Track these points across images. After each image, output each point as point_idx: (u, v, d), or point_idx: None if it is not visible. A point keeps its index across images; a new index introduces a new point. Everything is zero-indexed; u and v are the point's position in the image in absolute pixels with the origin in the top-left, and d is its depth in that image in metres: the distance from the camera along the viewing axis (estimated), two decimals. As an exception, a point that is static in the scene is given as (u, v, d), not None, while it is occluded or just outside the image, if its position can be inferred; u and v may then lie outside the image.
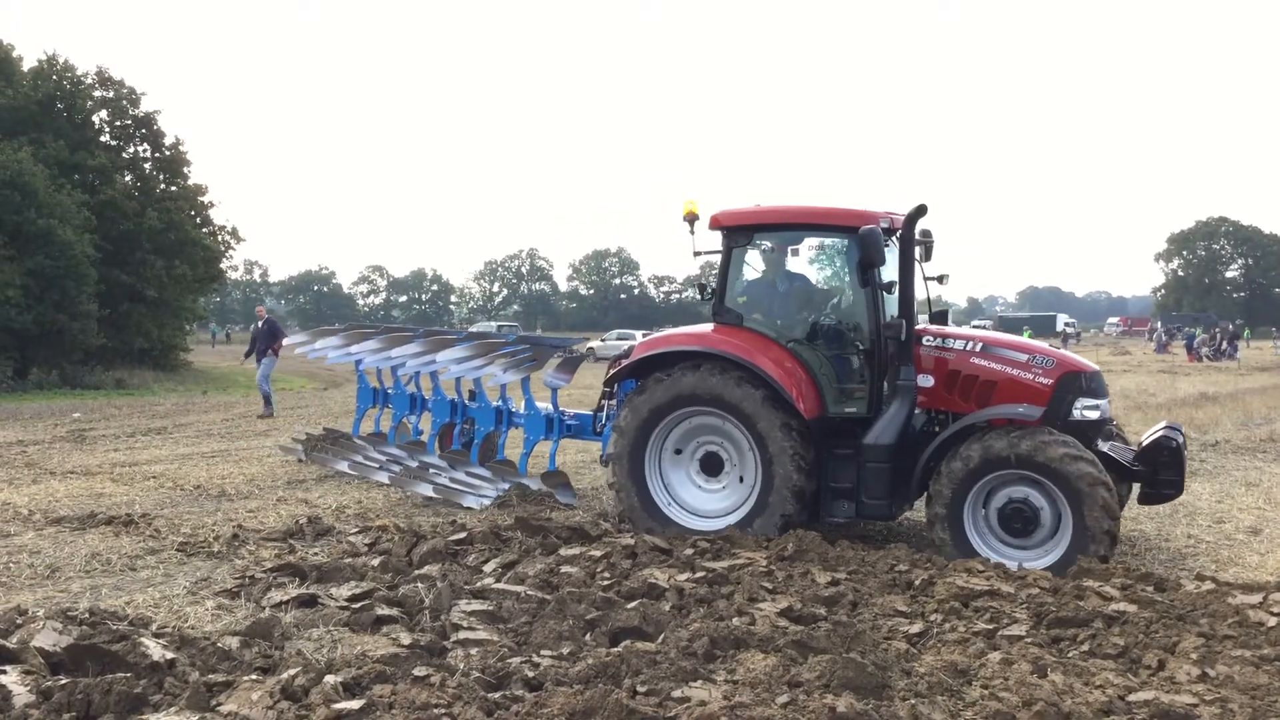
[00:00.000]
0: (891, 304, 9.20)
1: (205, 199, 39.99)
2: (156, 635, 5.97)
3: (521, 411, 11.77)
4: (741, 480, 9.28)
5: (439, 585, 7.07)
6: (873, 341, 9.11)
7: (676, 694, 5.12)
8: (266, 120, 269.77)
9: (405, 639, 6.10)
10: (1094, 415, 8.70)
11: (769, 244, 9.83)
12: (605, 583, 7.37)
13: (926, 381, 9.03)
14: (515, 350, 11.56)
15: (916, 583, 7.32)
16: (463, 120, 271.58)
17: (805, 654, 5.69)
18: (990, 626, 6.34)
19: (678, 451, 9.48)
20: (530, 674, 5.45)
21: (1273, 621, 6.24)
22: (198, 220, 39.26)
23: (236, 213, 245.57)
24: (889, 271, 9.16)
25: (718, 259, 9.74)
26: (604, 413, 11.09)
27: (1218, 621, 6.34)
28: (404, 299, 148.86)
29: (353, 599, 6.92)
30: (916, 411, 9.06)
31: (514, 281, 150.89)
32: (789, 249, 9.88)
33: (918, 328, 9.08)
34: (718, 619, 6.40)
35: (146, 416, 19.44)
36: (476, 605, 6.77)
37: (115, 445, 16.15)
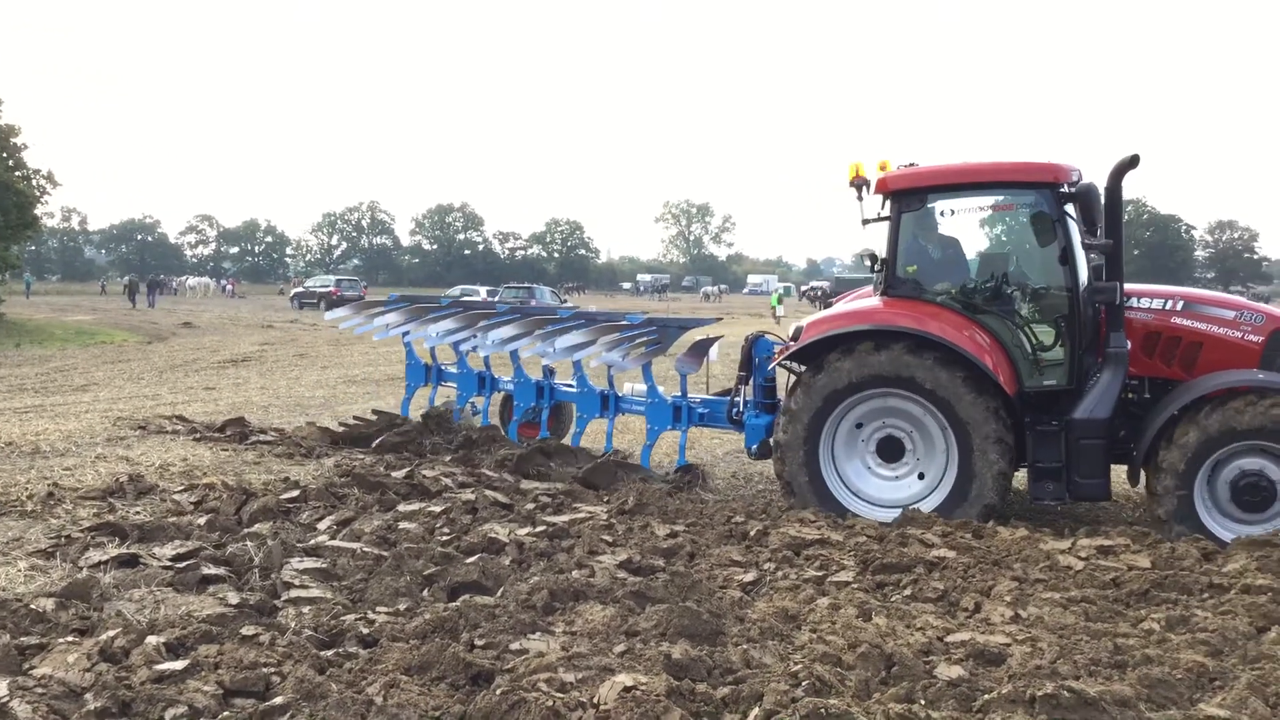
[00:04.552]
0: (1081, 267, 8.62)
1: (18, 140, 37.61)
2: (-39, 599, 5.64)
3: (632, 396, 10.70)
4: (928, 466, 8.60)
5: (270, 543, 6.89)
6: (1071, 307, 8.51)
7: (515, 646, 5.14)
8: (86, 58, 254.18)
9: (233, 598, 5.93)
10: None
11: (948, 208, 9.09)
12: (445, 538, 7.32)
13: None
14: (635, 333, 10.47)
15: (752, 533, 7.52)
16: (300, 60, 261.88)
17: (643, 604, 5.78)
18: (820, 574, 6.58)
19: (852, 435, 8.78)
20: (365, 631, 5.38)
21: (1079, 565, 6.66)
22: (10, 163, 36.87)
23: (52, 156, 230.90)
24: (1072, 231, 8.51)
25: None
26: (740, 398, 10.01)
27: (1030, 566, 6.73)
28: (235, 250, 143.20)
29: (177, 559, 6.67)
30: None
31: (354, 235, 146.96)
32: (953, 211, 9.13)
33: None
34: (557, 572, 6.45)
35: (-49, 370, 18.24)
36: (309, 563, 6.63)
37: (-85, 401, 15.10)
